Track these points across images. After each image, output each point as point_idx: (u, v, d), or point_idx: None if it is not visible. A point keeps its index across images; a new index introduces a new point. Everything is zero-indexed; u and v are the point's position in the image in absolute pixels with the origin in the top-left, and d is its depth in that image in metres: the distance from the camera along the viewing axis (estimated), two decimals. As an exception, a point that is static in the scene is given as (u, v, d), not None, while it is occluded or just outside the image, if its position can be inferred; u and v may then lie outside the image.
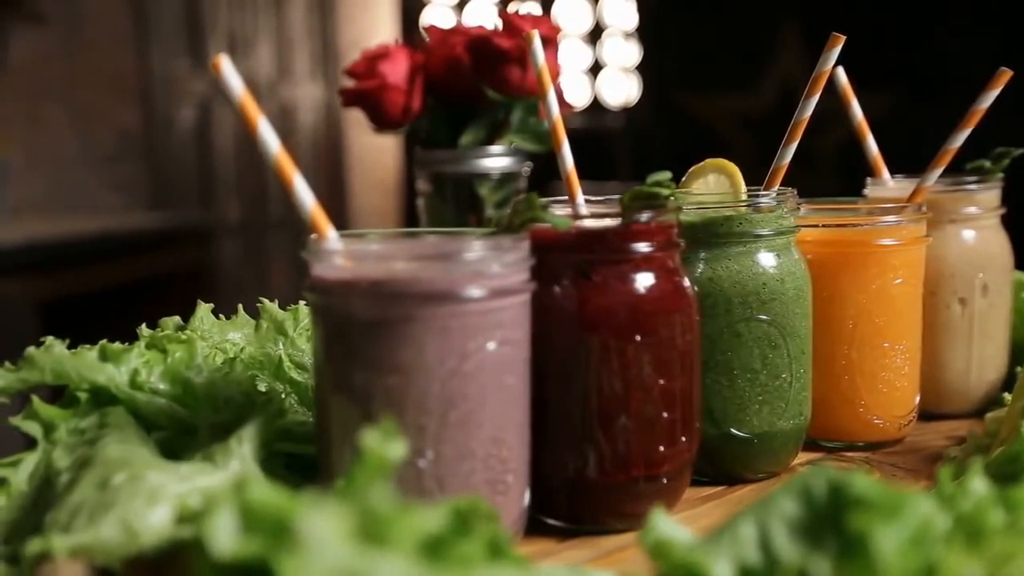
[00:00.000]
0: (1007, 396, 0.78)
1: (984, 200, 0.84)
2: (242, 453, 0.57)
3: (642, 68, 3.80)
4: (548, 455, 0.61)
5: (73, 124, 3.39)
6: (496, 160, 1.09)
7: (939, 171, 0.78)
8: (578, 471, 0.62)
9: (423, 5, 3.97)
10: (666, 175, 0.61)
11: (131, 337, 0.69)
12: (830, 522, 0.39)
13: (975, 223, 0.84)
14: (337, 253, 0.56)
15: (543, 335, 0.60)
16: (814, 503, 0.40)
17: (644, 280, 0.61)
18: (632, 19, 3.85)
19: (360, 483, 0.40)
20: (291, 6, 3.78)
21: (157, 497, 0.50)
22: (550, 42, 1.04)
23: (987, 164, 0.84)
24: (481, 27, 1.07)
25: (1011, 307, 0.87)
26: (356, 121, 3.85)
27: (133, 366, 0.66)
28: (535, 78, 1.03)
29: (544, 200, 0.61)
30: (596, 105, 3.88)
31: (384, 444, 0.41)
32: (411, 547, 0.34)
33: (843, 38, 0.68)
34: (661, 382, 0.61)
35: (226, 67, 0.52)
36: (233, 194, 3.71)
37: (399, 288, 0.53)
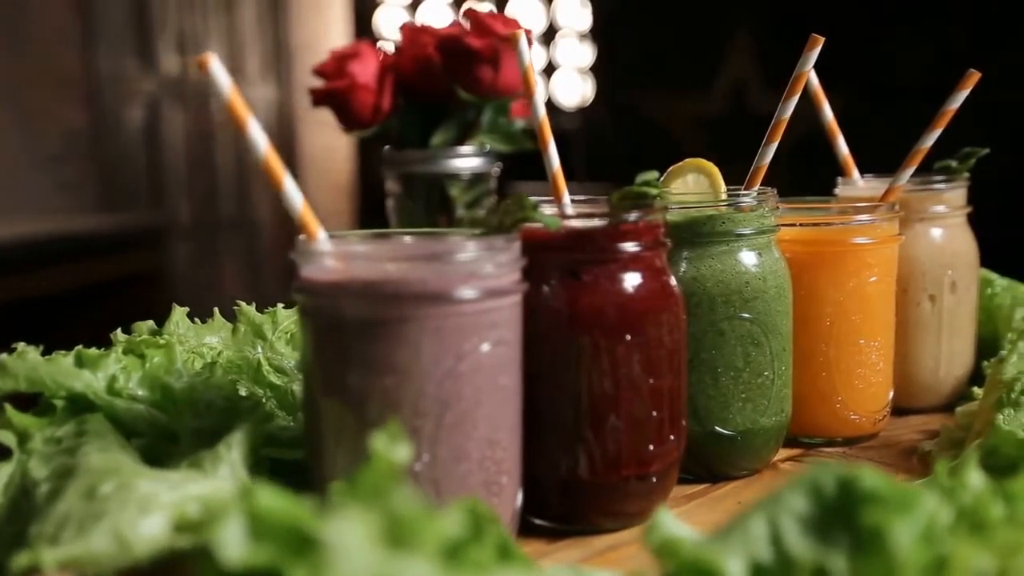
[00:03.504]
0: (976, 390, 0.80)
1: (951, 199, 0.86)
2: (232, 459, 0.56)
3: (596, 69, 3.82)
4: (539, 456, 0.61)
5: (17, 124, 3.30)
6: (467, 160, 1.09)
7: (911, 171, 0.79)
8: (569, 471, 0.62)
9: (376, 6, 3.94)
10: (653, 175, 0.62)
11: (82, 343, 0.67)
12: (840, 517, 0.40)
13: (943, 221, 0.86)
14: (329, 254, 0.55)
15: (533, 335, 0.59)
16: (823, 499, 0.40)
17: (633, 279, 0.61)
18: (585, 20, 3.86)
19: (374, 487, 0.39)
20: (242, 6, 3.73)
21: (149, 506, 0.49)
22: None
23: (953, 164, 0.86)
24: (452, 26, 1.06)
25: (977, 303, 0.89)
26: (309, 122, 3.81)
27: (111, 372, 0.64)
28: (507, 78, 1.03)
29: (535, 199, 0.60)
30: (551, 106, 3.89)
31: (392, 447, 0.40)
32: (434, 552, 0.34)
33: (822, 39, 0.69)
34: (651, 381, 0.62)
35: (215, 65, 0.51)
36: (184, 194, 3.64)
37: (394, 289, 0.53)
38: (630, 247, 0.61)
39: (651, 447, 0.62)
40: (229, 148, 3.73)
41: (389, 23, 3.91)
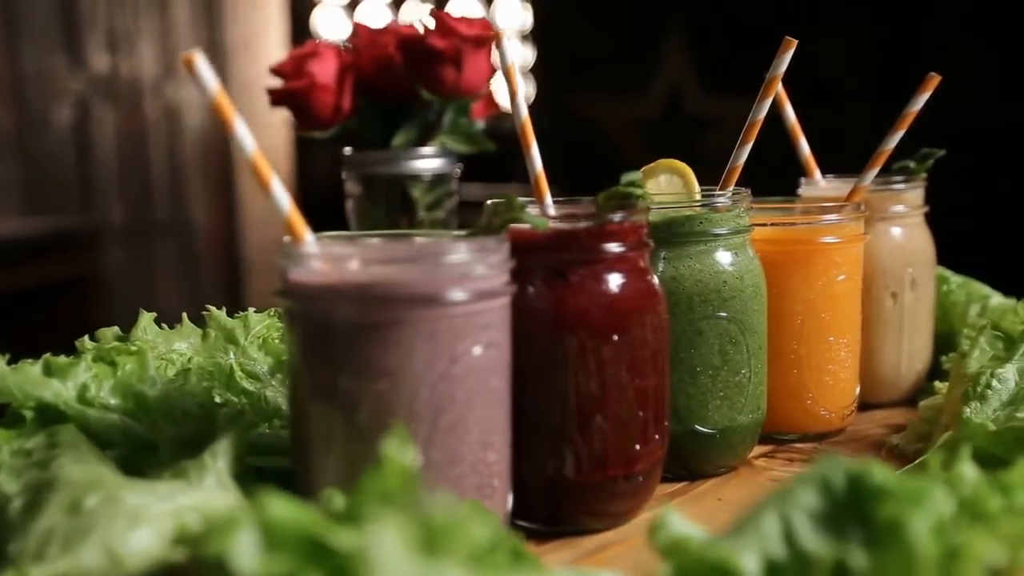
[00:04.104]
0: (938, 385, 0.83)
1: (910, 199, 0.88)
2: (217, 469, 0.54)
3: (536, 70, 3.83)
4: (526, 457, 0.61)
5: (-63, 123, 3.17)
6: (428, 162, 1.08)
7: (875, 171, 0.81)
8: (557, 472, 0.61)
9: (313, 5, 3.89)
10: (637, 175, 0.62)
11: (11, 352, 0.64)
12: (852, 512, 0.40)
13: (903, 220, 0.88)
14: (319, 256, 0.54)
15: (519, 336, 0.59)
16: (834, 494, 0.41)
17: (619, 280, 0.62)
18: (526, 21, 3.88)
19: (384, 493, 0.39)
20: (175, 4, 3.64)
21: (138, 519, 0.47)
22: (484, 43, 1.04)
23: (912, 164, 0.88)
24: (413, 26, 1.06)
25: (934, 300, 0.91)
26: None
27: (81, 381, 0.62)
28: (470, 78, 1.03)
29: (523, 200, 0.60)
30: (491, 107, 3.88)
31: (402, 451, 0.40)
32: (466, 558, 0.33)
33: (795, 42, 0.71)
34: (636, 381, 0.62)
35: (200, 64, 0.50)
36: (116, 196, 3.54)
37: (387, 291, 0.52)
38: (616, 247, 0.61)
39: (637, 447, 0.62)
40: (162, 148, 3.64)
41: (326, 23, 3.86)
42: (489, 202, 0.61)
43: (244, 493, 0.55)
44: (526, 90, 3.82)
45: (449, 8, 3.72)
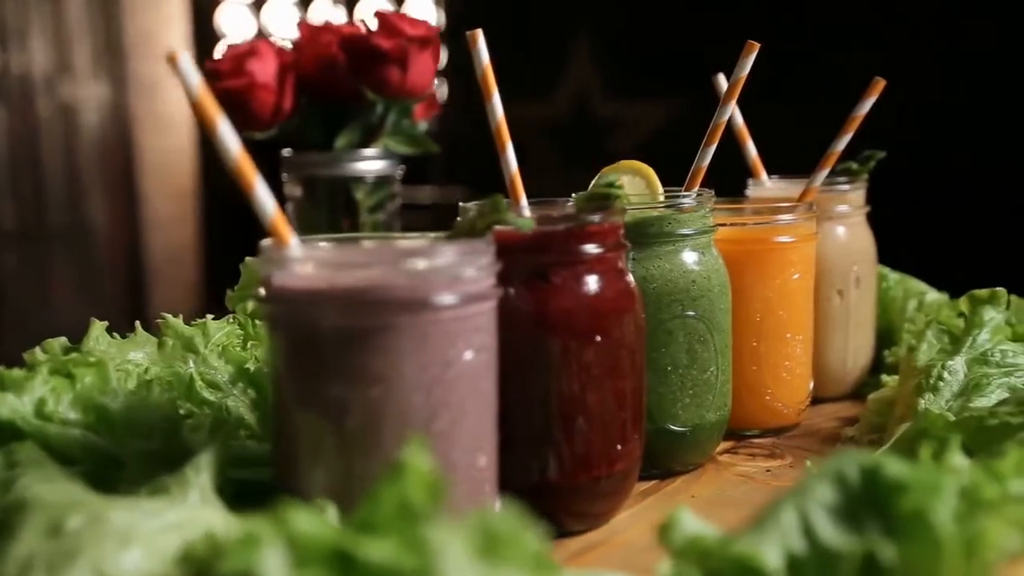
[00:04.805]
0: (885, 378, 0.86)
1: (854, 199, 0.91)
2: (201, 483, 0.52)
3: (449, 72, 3.82)
4: (509, 460, 0.60)
5: None
6: (371, 163, 1.06)
7: (825, 172, 0.84)
8: (540, 475, 0.61)
9: (217, 2, 3.78)
10: (614, 176, 0.62)
11: None
12: (867, 504, 0.41)
13: (847, 220, 0.91)
14: (305, 260, 0.52)
15: (502, 339, 0.59)
16: (849, 487, 0.42)
17: (599, 281, 0.62)
18: (439, 22, 3.86)
19: (405, 504, 0.38)
20: (69, -3, 3.49)
21: (128, 538, 0.45)
22: (430, 43, 1.03)
23: (854, 166, 0.91)
24: (356, 25, 1.04)
25: (876, 297, 0.95)
26: (147, 123, 3.61)
27: (38, 395, 0.59)
28: (415, 79, 1.01)
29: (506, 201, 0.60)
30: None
31: (422, 458, 0.39)
32: (519, 565, 0.33)
33: (758, 45, 0.72)
34: (618, 381, 0.62)
35: (184, 62, 0.48)
36: (8, 199, 3.37)
37: (375, 296, 0.51)
38: (596, 249, 0.61)
39: (619, 446, 0.63)
40: (57, 148, 3.48)
41: (230, 21, 3.76)
42: (462, 204, 0.61)
43: (227, 508, 0.53)
44: (441, 91, 3.80)
45: (358, 9, 3.68)
